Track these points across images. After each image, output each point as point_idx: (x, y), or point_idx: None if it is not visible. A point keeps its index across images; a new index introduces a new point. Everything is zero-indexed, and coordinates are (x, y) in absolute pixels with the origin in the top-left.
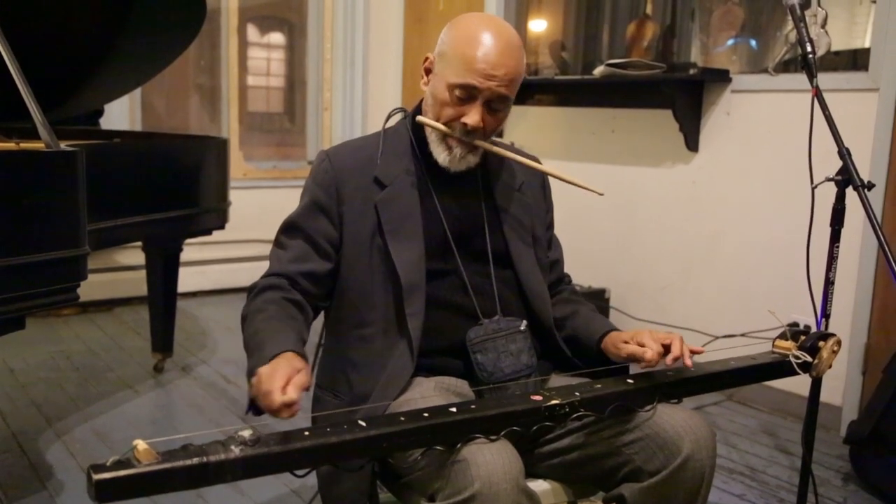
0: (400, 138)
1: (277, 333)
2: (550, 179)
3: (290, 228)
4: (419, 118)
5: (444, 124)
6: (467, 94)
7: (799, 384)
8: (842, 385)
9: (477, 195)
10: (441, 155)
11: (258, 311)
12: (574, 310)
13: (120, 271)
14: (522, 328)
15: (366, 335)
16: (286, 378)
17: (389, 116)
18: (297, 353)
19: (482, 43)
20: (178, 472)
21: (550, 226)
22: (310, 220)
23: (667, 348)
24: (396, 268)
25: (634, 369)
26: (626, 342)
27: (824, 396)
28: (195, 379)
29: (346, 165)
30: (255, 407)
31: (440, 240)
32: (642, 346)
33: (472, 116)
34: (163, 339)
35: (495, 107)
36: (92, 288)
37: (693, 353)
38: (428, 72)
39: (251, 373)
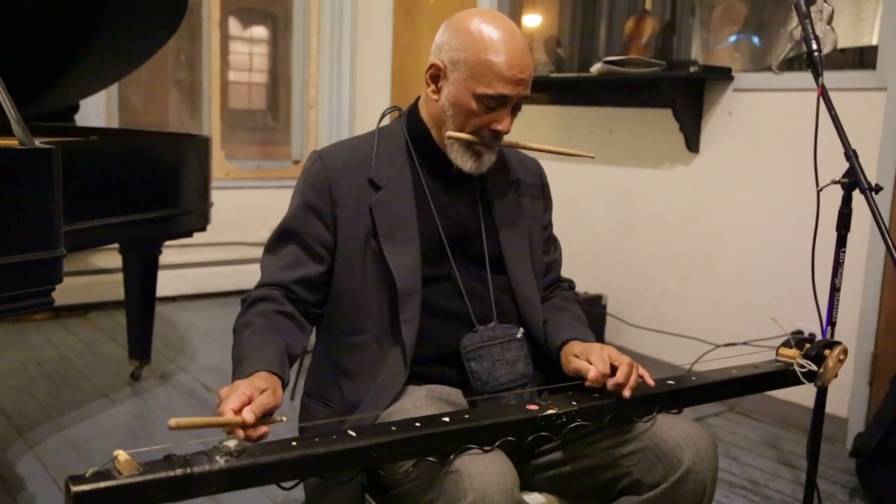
0: (395, 138)
1: (257, 351)
2: (548, 178)
3: (282, 234)
4: (449, 133)
5: (471, 132)
6: (497, 103)
7: (803, 394)
8: (847, 395)
9: (473, 197)
10: (468, 163)
11: (245, 325)
12: (550, 316)
13: (95, 274)
14: (519, 336)
15: (358, 342)
16: (242, 399)
17: (384, 115)
18: (271, 373)
19: (503, 49)
20: (161, 484)
21: (549, 226)
22: (302, 223)
23: (614, 370)
24: (392, 272)
25: None
26: (576, 356)
27: (829, 407)
28: (174, 387)
29: (340, 166)
30: None
31: (435, 243)
32: (590, 363)
33: (505, 123)
34: (140, 346)
35: (518, 106)
36: (66, 291)
37: (643, 381)
38: (436, 79)
39: None
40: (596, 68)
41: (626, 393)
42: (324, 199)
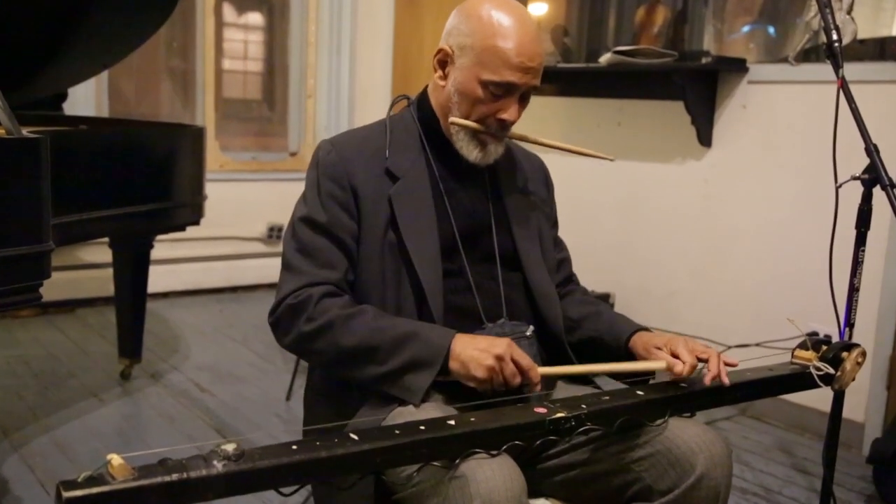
0: (407, 128)
1: (416, 322)
2: (552, 171)
3: (314, 229)
4: (452, 120)
5: (476, 120)
6: (504, 91)
7: (817, 398)
8: (864, 400)
9: (484, 191)
10: (473, 153)
11: (351, 315)
12: (595, 310)
13: (84, 269)
14: (528, 333)
15: None
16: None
17: (393, 104)
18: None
19: (513, 34)
20: (156, 490)
21: (555, 223)
22: (333, 217)
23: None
24: (414, 265)
25: (661, 377)
26: (658, 348)
27: (845, 412)
28: (166, 387)
29: (355, 156)
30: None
31: (448, 237)
32: (676, 356)
33: (511, 112)
34: (131, 344)
35: (526, 96)
36: (53, 287)
37: (728, 365)
38: (443, 64)
39: (418, 361)
40: (605, 59)
41: (726, 380)
42: (345, 189)
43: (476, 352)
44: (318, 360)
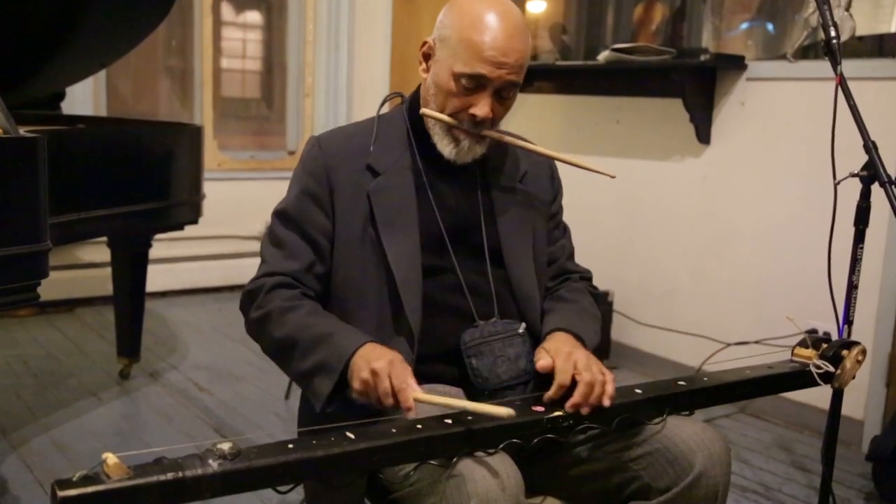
0: (396, 125)
1: (340, 324)
2: (559, 167)
3: (283, 222)
4: (423, 111)
5: (450, 115)
6: (476, 84)
7: (817, 396)
8: (864, 397)
9: (475, 188)
10: (447, 148)
11: (288, 308)
12: (555, 306)
13: (82, 269)
14: (521, 331)
15: None
16: (409, 373)
17: (385, 101)
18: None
19: (489, 27)
20: (152, 489)
21: (557, 213)
22: (303, 211)
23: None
24: (389, 261)
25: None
26: (547, 350)
27: (845, 409)
28: (164, 386)
29: (338, 152)
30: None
31: (435, 235)
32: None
33: (482, 108)
34: (129, 343)
35: (504, 95)
36: (52, 287)
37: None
38: (427, 57)
39: (324, 365)
40: (603, 56)
41: (584, 411)
42: (322, 185)
43: (361, 361)
44: (263, 349)
